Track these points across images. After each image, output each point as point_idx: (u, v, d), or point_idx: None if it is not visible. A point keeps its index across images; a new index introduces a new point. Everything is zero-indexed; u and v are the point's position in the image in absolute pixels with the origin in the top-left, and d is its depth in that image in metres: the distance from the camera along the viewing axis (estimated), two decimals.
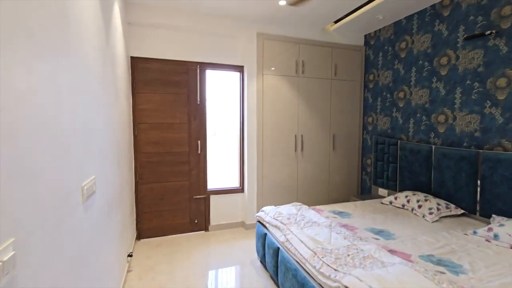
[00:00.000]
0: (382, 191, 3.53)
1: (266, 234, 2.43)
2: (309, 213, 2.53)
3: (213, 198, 3.42)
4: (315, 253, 1.74)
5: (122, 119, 2.42)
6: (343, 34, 3.75)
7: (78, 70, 1.19)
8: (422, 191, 2.93)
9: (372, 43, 3.76)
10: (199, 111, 3.31)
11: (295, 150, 3.58)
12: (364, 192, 3.98)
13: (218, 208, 3.44)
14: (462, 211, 2.52)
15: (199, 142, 3.31)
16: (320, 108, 3.68)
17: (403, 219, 2.50)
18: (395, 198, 2.89)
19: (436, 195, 2.80)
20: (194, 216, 3.34)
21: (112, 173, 1.90)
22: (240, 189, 3.55)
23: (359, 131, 3.96)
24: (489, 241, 2.01)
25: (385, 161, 3.45)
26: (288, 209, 2.61)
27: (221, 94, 3.62)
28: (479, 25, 2.49)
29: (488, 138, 2.45)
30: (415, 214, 2.62)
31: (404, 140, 3.28)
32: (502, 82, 2.34)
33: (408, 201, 2.75)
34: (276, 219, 2.35)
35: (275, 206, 3.38)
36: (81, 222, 1.17)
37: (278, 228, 2.24)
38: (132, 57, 3.01)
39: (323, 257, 1.68)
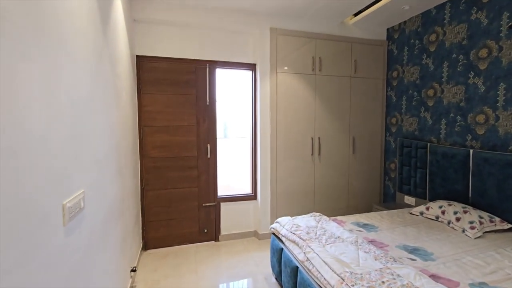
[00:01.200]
0: (408, 199, 3.21)
1: (282, 249, 2.17)
2: (330, 225, 2.26)
3: (223, 206, 3.19)
4: (343, 279, 1.47)
5: (125, 121, 2.23)
6: (364, 28, 3.45)
7: (58, 64, 0.98)
8: (457, 201, 2.60)
9: (395, 36, 3.44)
10: (208, 112, 3.09)
11: (312, 154, 3.31)
12: (387, 200, 3.65)
13: (229, 217, 3.21)
14: (510, 225, 2.18)
15: (208, 145, 3.09)
16: (338, 108, 3.39)
17: (440, 234, 2.18)
18: (427, 209, 2.57)
19: (475, 206, 2.46)
20: (203, 225, 3.12)
21: (111, 182, 1.70)
22: (253, 196, 3.31)
23: (381, 133, 3.64)
24: None
25: (412, 166, 3.13)
26: (307, 221, 2.35)
27: (232, 94, 3.40)
28: None
29: None
30: (453, 228, 2.29)
31: (434, 143, 2.95)
32: None
33: (443, 213, 2.43)
34: (294, 233, 2.09)
35: (291, 216, 3.14)
36: (61, 250, 0.96)
37: (297, 244, 1.98)
38: (137, 56, 2.82)
39: (353, 286, 1.41)
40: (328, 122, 3.37)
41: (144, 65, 2.86)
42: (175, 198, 3.00)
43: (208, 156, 3.10)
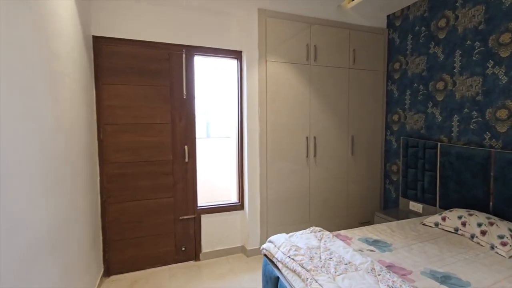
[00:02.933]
0: (414, 205, 2.86)
1: (278, 278, 1.72)
2: (336, 244, 1.84)
3: (205, 219, 2.70)
4: None
5: (73, 118, 1.70)
6: (363, 13, 3.07)
7: None
8: (476, 209, 2.26)
9: (397, 24, 3.09)
10: (185, 108, 2.59)
11: (307, 156, 2.89)
12: (388, 206, 3.30)
13: (211, 231, 2.72)
14: None
15: (186, 147, 2.59)
16: (336, 104, 2.99)
17: (466, 252, 1.81)
18: (443, 219, 2.21)
19: (498, 215, 2.12)
20: (181, 242, 2.61)
21: (38, 204, 1.18)
22: (239, 206, 2.84)
23: (381, 131, 3.28)
24: None
25: (419, 168, 2.77)
26: (306, 239, 1.92)
27: (214, 87, 2.91)
28: None
29: None
30: (478, 243, 1.94)
31: (445, 142, 2.61)
32: None
33: (463, 224, 2.07)
34: (293, 259, 1.64)
35: (284, 228, 2.71)
36: None
37: (298, 275, 1.54)
38: (94, 37, 2.28)
39: None
40: (325, 119, 2.96)
41: (104, 49, 2.32)
42: (146, 211, 2.48)
43: (186, 160, 2.60)
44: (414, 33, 2.89)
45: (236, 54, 2.76)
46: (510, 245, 1.78)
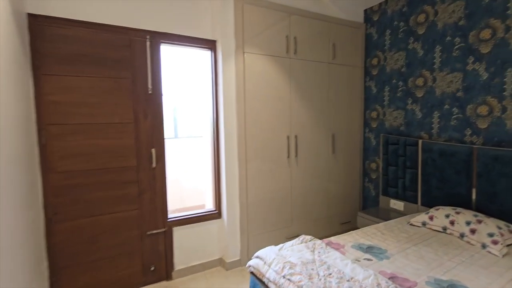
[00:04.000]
0: (395, 203, 2.81)
1: None
2: (331, 256, 1.66)
3: (177, 231, 2.36)
4: None
5: None
6: (340, 6, 2.95)
7: None
8: (459, 206, 2.25)
9: (375, 19, 3.02)
10: (151, 104, 2.22)
11: (288, 156, 2.69)
12: (367, 204, 3.24)
13: (185, 245, 2.40)
14: None
15: (153, 150, 2.23)
16: (316, 101, 2.83)
17: (460, 254, 1.74)
18: (430, 218, 2.15)
19: (481, 212, 2.12)
20: (148, 261, 2.25)
21: None
22: (216, 214, 2.55)
23: (360, 129, 3.21)
24: None
25: (399, 166, 2.73)
26: (298, 252, 1.70)
27: (184, 80, 2.57)
28: None
29: None
30: (468, 242, 1.89)
31: (426, 139, 2.59)
32: None
33: (451, 223, 2.03)
34: (290, 279, 1.42)
35: (268, 240, 2.50)
36: None
37: None
38: (31, 16, 1.82)
39: None
40: (306, 117, 2.78)
41: (46, 31, 1.86)
42: (104, 228, 2.07)
43: (153, 165, 2.23)
44: (392, 28, 2.84)
45: (210, 44, 2.45)
46: (501, 243, 1.75)
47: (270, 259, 1.63)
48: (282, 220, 2.69)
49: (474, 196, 2.18)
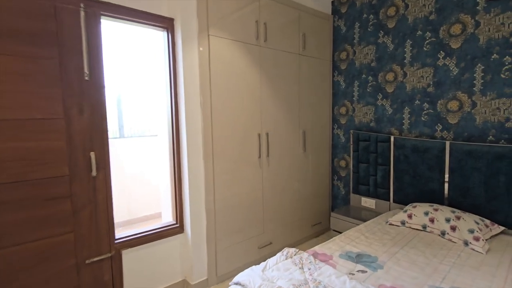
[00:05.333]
0: (366, 201, 2.75)
1: None
2: (324, 272, 1.43)
3: (128, 255, 1.89)
4: None
5: None
6: None
7: None
8: (432, 202, 2.24)
9: (343, 11, 2.90)
10: (89, 95, 1.71)
11: (259, 156, 2.40)
12: (337, 203, 3.15)
13: (139, 270, 1.94)
14: (502, 227, 1.89)
15: (92, 154, 1.72)
16: (287, 95, 2.60)
17: (448, 255, 1.67)
18: (409, 217, 2.08)
19: (453, 206, 2.13)
20: None
21: None
22: (178, 228, 2.13)
23: (329, 125, 3.09)
24: None
25: (371, 162, 2.66)
26: (286, 272, 1.44)
27: (134, 66, 2.08)
28: None
29: None
30: (450, 240, 1.85)
31: (396, 135, 2.55)
32: None
33: (431, 221, 1.98)
34: None
35: (239, 254, 2.19)
36: None
37: None
38: None
39: None
40: (277, 112, 2.53)
41: None
42: (26, 262, 1.52)
43: (94, 173, 1.73)
44: (361, 21, 2.75)
45: (166, 23, 2.02)
46: (483, 239, 1.73)
47: (255, 285, 1.32)
48: (253, 228, 2.40)
49: (446, 192, 2.18)
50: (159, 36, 2.09)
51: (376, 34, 2.64)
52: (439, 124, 2.28)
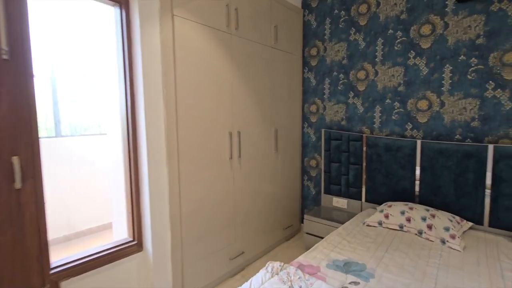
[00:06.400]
0: (338, 201, 2.70)
1: None
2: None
3: (71, 286, 1.48)
4: None
5: None
6: None
7: None
8: (404, 200, 2.26)
9: (314, 5, 2.81)
10: (9, 80, 1.27)
11: (231, 157, 2.15)
12: (307, 204, 3.06)
13: None
14: (470, 223, 1.96)
15: (16, 159, 1.29)
16: (259, 90, 2.40)
17: (430, 255, 1.65)
18: (386, 217, 2.05)
19: (424, 203, 2.17)
20: None
21: None
22: (135, 246, 1.77)
23: (299, 123, 2.98)
24: None
25: (343, 162, 2.61)
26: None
27: (76, 48, 1.67)
28: None
29: (490, 128, 1.96)
30: (428, 239, 1.85)
31: (367, 133, 2.53)
32: (511, 57, 1.86)
33: (408, 220, 1.97)
34: None
35: (216, 273, 1.93)
36: None
37: None
38: None
39: None
40: (249, 109, 2.31)
41: None
42: None
43: (17, 185, 1.29)
44: (333, 17, 2.68)
45: None
46: (459, 237, 1.76)
47: None
48: (224, 238, 2.15)
49: (417, 190, 2.21)
50: (110, 13, 1.70)
51: (348, 31, 2.59)
52: (409, 123, 2.31)
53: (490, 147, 1.87)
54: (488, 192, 1.91)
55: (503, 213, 1.86)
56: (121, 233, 1.90)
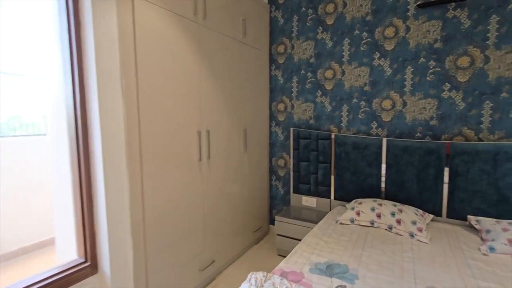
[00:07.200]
0: (307, 200, 2.69)
1: None
2: None
3: None
4: None
5: None
6: None
7: None
8: (372, 196, 2.33)
9: (281, 1, 2.75)
10: None
11: (199, 159, 1.97)
12: (276, 205, 3.00)
13: None
14: (431, 215, 2.09)
15: None
16: (228, 86, 2.25)
17: (403, 250, 1.70)
18: (357, 214, 2.08)
19: (389, 199, 2.26)
20: None
21: None
22: (88, 268, 1.49)
23: (267, 122, 2.90)
24: None
25: (312, 161, 2.61)
26: None
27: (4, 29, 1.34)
28: None
29: (446, 126, 2.11)
30: (397, 233, 1.91)
31: (335, 132, 2.57)
32: (464, 61, 2.02)
33: (378, 216, 2.02)
34: None
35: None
36: None
37: None
38: None
39: None
40: (219, 106, 2.14)
41: None
42: None
43: None
44: (300, 15, 2.65)
45: None
46: (425, 229, 1.85)
47: None
48: (193, 247, 1.95)
49: (383, 186, 2.29)
50: None
51: (315, 29, 2.58)
52: (374, 122, 2.39)
53: (447, 144, 2.02)
54: (446, 186, 2.05)
55: (458, 204, 2.02)
56: (67, 253, 1.59)
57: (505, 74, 1.90)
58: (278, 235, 2.48)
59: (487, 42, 1.93)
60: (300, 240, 2.30)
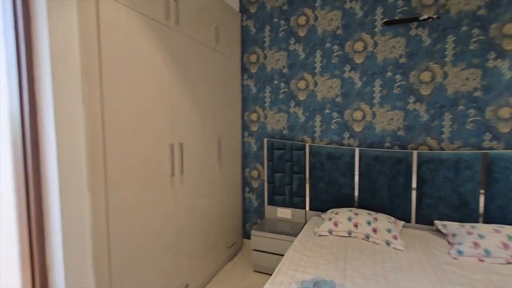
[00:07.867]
0: (282, 212, 2.65)
1: None
2: None
3: None
4: None
5: None
6: None
7: None
8: (346, 206, 2.37)
9: (252, 11, 2.73)
10: None
11: (172, 174, 1.80)
12: (249, 217, 2.90)
13: None
14: (402, 222, 2.17)
15: None
16: (201, 96, 2.13)
17: (383, 260, 1.72)
18: (335, 224, 2.08)
19: (362, 207, 2.32)
20: None
21: None
22: None
23: (239, 132, 2.82)
24: (482, 260, 1.68)
25: (287, 171, 2.58)
26: None
27: None
28: (399, 10, 2.22)
29: (412, 136, 2.24)
30: (374, 242, 1.94)
31: (308, 142, 2.58)
32: (426, 76, 2.17)
33: (355, 226, 2.04)
34: None
35: None
36: None
37: None
38: None
39: None
40: (191, 117, 2.01)
41: None
42: None
43: None
44: (272, 25, 2.65)
45: None
46: (400, 237, 1.91)
47: None
48: (165, 272, 1.76)
49: (357, 194, 2.34)
50: None
51: (288, 40, 2.60)
52: (346, 132, 2.45)
53: (415, 153, 2.13)
54: (414, 192, 2.16)
55: (426, 210, 2.14)
56: None
57: (461, 89, 2.08)
58: (255, 250, 2.38)
59: (445, 59, 2.11)
60: (277, 254, 2.24)
